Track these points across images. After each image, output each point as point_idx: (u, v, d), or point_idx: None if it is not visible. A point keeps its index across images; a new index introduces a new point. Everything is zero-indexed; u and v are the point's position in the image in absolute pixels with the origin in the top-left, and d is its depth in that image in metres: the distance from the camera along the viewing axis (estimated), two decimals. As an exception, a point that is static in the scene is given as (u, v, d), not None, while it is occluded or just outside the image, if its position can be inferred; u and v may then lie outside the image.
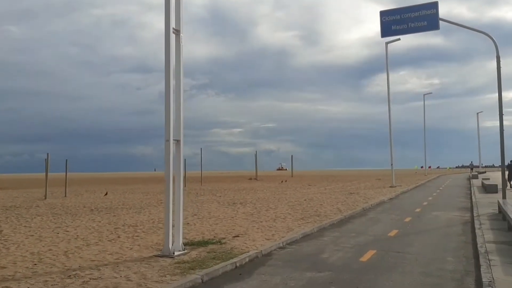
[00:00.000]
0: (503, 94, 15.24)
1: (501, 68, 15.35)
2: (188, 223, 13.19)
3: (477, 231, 10.88)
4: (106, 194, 28.66)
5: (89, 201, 22.79)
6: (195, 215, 15.48)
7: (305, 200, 21.49)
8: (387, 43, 34.43)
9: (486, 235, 10.24)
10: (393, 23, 17.39)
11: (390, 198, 23.20)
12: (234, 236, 10.66)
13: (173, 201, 8.98)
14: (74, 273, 7.20)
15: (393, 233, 11.45)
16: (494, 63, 15.32)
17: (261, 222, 13.33)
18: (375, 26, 18.39)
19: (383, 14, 17.64)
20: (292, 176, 67.69)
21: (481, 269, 6.96)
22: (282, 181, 47.57)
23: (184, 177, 40.24)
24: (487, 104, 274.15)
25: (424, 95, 66.59)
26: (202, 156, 40.78)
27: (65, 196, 27.04)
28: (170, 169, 8.63)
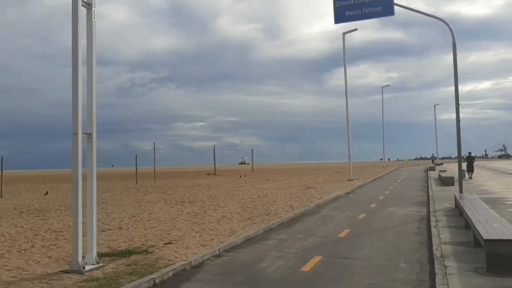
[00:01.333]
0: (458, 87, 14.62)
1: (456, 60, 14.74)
2: (120, 227, 11.81)
3: (432, 229, 10.08)
4: (46, 193, 26.60)
5: (24, 202, 20.85)
6: (134, 217, 14.07)
7: (258, 196, 20.42)
8: (344, 33, 33.83)
9: (442, 234, 9.42)
10: (346, 8, 16.41)
11: (347, 193, 22.48)
12: (166, 243, 9.39)
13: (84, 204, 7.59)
14: None
15: (344, 233, 10.49)
16: (449, 57, 14.73)
17: (203, 224, 12.11)
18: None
19: (336, -1, 16.64)
20: (252, 171, 66.75)
21: (436, 280, 6.02)
22: (240, 176, 46.46)
23: (136, 173, 38.59)
24: (443, 97, 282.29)
25: (382, 87, 67.39)
26: (155, 151, 39.22)
27: (1, 196, 24.83)
28: (79, 167, 7.25)
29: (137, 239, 10.03)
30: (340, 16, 16.73)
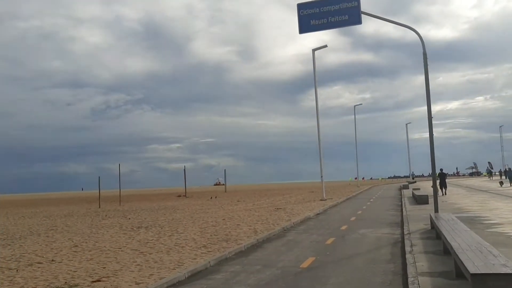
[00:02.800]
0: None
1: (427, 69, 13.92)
2: (52, 260, 10.18)
3: (407, 256, 8.86)
4: (-4, 220, 24.45)
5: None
6: (76, 246, 12.45)
7: (223, 219, 18.94)
8: (313, 49, 33.09)
9: (418, 262, 8.19)
10: (311, 17, 15.42)
11: (317, 214, 21.22)
12: (94, 281, 7.85)
13: None
14: None
15: (307, 263, 9.14)
16: (419, 79, 14.19)
17: (150, 254, 10.59)
18: (308, 42, 16.77)
19: (300, 7, 15.63)
20: (225, 192, 65.09)
21: (413, 328, 4.72)
22: (211, 198, 44.80)
23: (99, 197, 36.58)
24: (415, 117, 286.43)
25: (354, 106, 67.19)
26: (120, 172, 37.21)
27: None
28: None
29: (63, 275, 8.45)
30: (304, 25, 15.75)
